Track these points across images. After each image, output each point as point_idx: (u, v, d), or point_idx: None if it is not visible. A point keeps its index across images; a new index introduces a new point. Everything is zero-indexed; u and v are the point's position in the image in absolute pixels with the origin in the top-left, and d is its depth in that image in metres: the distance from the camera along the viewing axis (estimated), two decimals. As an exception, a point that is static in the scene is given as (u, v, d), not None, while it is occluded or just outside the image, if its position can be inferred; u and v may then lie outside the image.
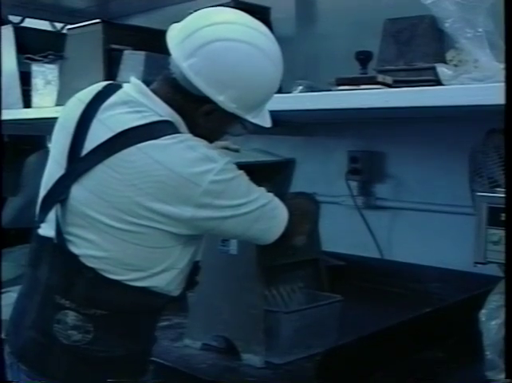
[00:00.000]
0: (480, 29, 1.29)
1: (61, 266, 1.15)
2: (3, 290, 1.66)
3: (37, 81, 2.23)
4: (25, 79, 2.27)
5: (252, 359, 1.37)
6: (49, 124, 1.31)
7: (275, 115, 1.25)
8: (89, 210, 1.11)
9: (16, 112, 2.21)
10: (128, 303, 1.14)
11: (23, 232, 1.40)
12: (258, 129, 1.92)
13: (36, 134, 2.71)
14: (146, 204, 1.08)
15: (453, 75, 1.31)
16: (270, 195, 1.21)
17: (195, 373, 1.36)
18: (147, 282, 1.14)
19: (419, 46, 1.51)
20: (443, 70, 1.33)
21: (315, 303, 1.48)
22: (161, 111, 1.14)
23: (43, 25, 2.70)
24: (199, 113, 1.15)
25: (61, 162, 1.17)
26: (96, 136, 1.13)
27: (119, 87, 1.20)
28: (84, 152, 1.14)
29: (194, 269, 1.57)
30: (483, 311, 1.23)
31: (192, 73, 1.11)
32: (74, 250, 1.12)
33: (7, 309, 1.30)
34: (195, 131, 1.16)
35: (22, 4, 2.56)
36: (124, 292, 1.13)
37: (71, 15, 2.52)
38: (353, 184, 2.12)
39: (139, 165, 1.08)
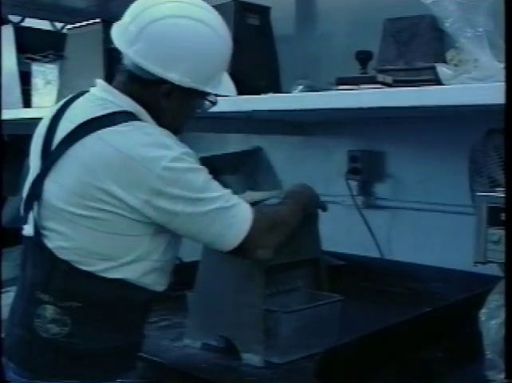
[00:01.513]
0: (480, 29, 1.29)
1: (39, 262, 1.18)
2: (3, 290, 1.66)
3: (37, 81, 2.23)
4: (25, 79, 2.27)
5: (252, 359, 1.37)
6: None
7: (276, 114, 1.25)
8: (58, 201, 1.15)
9: (16, 112, 2.21)
10: (102, 295, 1.15)
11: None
12: (258, 129, 1.93)
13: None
14: (104, 187, 1.10)
15: (453, 75, 1.30)
16: (236, 200, 1.16)
17: (195, 373, 1.36)
18: (120, 273, 1.15)
19: (419, 46, 1.51)
20: (442, 70, 1.33)
21: (315, 303, 1.48)
22: (122, 103, 1.17)
23: (43, 24, 2.69)
24: (160, 97, 1.17)
25: (37, 164, 1.21)
26: (63, 131, 1.18)
27: (87, 91, 1.25)
28: (53, 148, 1.19)
29: (185, 268, 1.59)
30: (483, 311, 1.23)
31: (139, 58, 1.14)
32: (48, 243, 1.15)
33: (7, 308, 1.31)
34: (162, 119, 1.19)
35: (22, 4, 2.56)
36: (97, 284, 1.14)
37: (71, 15, 2.51)
38: (353, 184, 2.12)
39: (96, 151, 1.11)
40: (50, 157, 1.17)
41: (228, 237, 1.16)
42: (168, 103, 1.18)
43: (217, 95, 1.24)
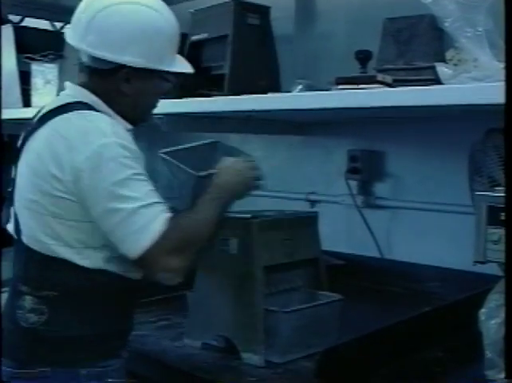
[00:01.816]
0: (480, 29, 1.29)
1: (18, 255, 1.23)
2: (2, 290, 1.65)
3: (37, 81, 2.23)
4: (25, 78, 2.27)
5: (252, 358, 1.38)
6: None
7: (275, 114, 1.25)
8: (24, 192, 1.21)
9: (15, 112, 2.21)
10: (75, 284, 1.18)
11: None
12: (257, 129, 1.92)
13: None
14: (51, 171, 1.15)
15: (453, 74, 1.30)
16: (153, 210, 1.12)
17: (195, 373, 1.36)
18: (84, 261, 1.17)
19: (418, 45, 1.51)
20: (442, 69, 1.33)
21: (315, 302, 1.48)
22: (79, 95, 1.23)
23: (43, 24, 2.69)
24: (120, 84, 1.22)
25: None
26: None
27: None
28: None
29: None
30: (483, 310, 1.23)
31: (93, 49, 1.20)
32: (22, 235, 1.21)
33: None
34: (124, 108, 1.24)
35: (22, 3, 2.56)
36: (69, 272, 1.17)
37: (71, 15, 2.51)
38: (353, 183, 2.12)
39: (44, 138, 1.19)
40: (17, 154, 1.25)
41: (129, 245, 1.13)
42: (129, 88, 1.23)
43: (175, 74, 1.28)
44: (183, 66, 1.30)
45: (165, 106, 1.84)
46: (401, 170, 2.06)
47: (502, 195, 1.01)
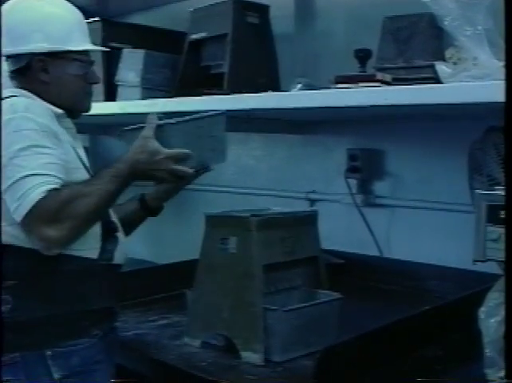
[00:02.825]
0: (479, 27, 1.29)
1: None
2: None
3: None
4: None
5: (251, 357, 1.37)
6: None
7: (275, 113, 1.25)
8: None
9: None
10: (26, 268, 1.23)
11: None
12: (257, 128, 1.91)
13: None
14: None
15: (452, 73, 1.30)
16: (34, 181, 1.15)
17: (195, 372, 1.35)
18: (25, 242, 1.20)
19: (418, 44, 1.51)
20: (442, 68, 1.33)
21: (314, 301, 1.48)
22: (13, 92, 1.30)
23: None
24: (39, 75, 1.31)
25: None
26: None
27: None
28: None
29: (184, 267, 1.57)
30: (482, 309, 1.23)
31: (5, 50, 1.28)
32: None
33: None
34: (52, 97, 1.31)
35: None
36: (19, 257, 1.22)
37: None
38: (352, 182, 2.12)
39: None
40: None
41: (13, 211, 1.17)
42: (47, 77, 1.32)
43: (85, 53, 1.36)
44: (90, 46, 1.38)
45: (164, 105, 1.86)
46: (401, 169, 2.06)
47: (502, 193, 1.01)
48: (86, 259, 1.27)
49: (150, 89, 2.03)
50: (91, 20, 2.04)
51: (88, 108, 1.40)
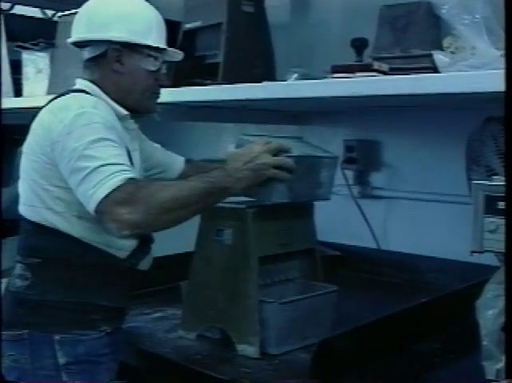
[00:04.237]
0: (477, 16, 1.28)
1: (20, 228, 1.33)
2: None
3: (28, 70, 2.20)
4: (16, 67, 2.24)
5: (247, 350, 1.37)
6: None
7: (270, 103, 1.23)
8: (23, 165, 1.30)
9: (7, 101, 2.18)
10: (56, 250, 1.26)
11: (15, 223, 1.39)
12: (253, 119, 1.89)
13: (27, 123, 2.68)
14: (37, 140, 1.26)
15: (450, 62, 1.29)
16: (111, 169, 1.16)
17: (190, 364, 1.35)
18: (67, 227, 1.25)
19: (415, 33, 1.50)
20: (439, 57, 1.32)
21: (310, 293, 1.47)
22: (79, 85, 1.35)
23: (33, 12, 2.66)
24: (113, 65, 1.32)
25: None
26: None
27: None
28: None
29: (179, 259, 1.57)
30: (480, 301, 1.22)
31: (83, 35, 1.33)
32: (20, 206, 1.31)
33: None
34: (119, 92, 1.32)
35: (12, -10, 2.53)
36: (52, 239, 1.26)
37: (62, 2, 2.48)
38: (349, 174, 2.11)
39: (39, 115, 1.30)
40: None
41: (88, 200, 1.17)
42: (121, 67, 1.32)
43: (161, 51, 1.36)
44: (171, 49, 1.39)
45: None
46: (398, 160, 2.05)
47: (500, 184, 1.00)
48: (113, 257, 1.28)
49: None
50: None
51: (152, 109, 1.40)
